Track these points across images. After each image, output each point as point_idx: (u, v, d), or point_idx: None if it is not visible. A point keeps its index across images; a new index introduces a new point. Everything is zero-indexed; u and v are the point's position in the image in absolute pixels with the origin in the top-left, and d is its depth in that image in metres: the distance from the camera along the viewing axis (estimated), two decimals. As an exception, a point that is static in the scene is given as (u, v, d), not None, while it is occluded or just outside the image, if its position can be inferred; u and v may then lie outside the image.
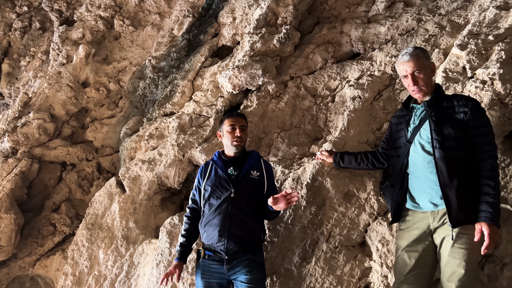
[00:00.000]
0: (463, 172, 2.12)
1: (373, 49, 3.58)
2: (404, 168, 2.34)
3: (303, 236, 2.82)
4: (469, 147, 2.15)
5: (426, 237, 2.22)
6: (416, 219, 2.27)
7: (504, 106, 2.69)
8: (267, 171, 2.68)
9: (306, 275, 2.72)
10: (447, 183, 2.11)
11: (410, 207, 2.32)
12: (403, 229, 2.34)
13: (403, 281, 2.22)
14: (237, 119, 2.72)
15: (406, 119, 2.39)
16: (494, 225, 2.01)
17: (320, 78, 3.63)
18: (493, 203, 2.04)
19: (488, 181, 2.07)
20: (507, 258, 2.59)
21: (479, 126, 2.16)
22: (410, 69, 2.26)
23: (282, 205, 2.43)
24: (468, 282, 2.06)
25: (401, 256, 2.28)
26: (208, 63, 4.11)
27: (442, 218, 2.16)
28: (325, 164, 2.94)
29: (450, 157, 2.13)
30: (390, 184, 2.48)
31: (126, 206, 3.46)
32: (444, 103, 2.26)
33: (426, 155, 2.22)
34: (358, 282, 2.68)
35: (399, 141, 2.40)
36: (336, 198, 2.87)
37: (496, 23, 3.07)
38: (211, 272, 2.48)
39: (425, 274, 2.22)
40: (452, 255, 2.08)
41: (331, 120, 3.38)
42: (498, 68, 2.75)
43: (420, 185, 2.27)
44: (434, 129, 2.20)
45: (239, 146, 2.68)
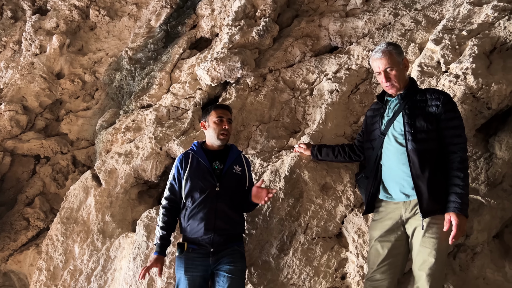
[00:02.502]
0: (434, 164, 2.18)
1: (350, 43, 3.61)
2: (378, 159, 2.38)
3: (281, 228, 2.83)
4: (440, 140, 2.21)
5: (398, 227, 2.28)
6: (389, 209, 2.33)
7: (476, 100, 2.76)
8: (247, 167, 2.69)
9: (284, 267, 2.74)
10: (418, 174, 2.17)
11: (383, 198, 2.37)
12: (376, 219, 2.39)
13: (376, 271, 2.29)
14: (224, 112, 2.68)
15: (380, 112, 2.44)
16: (462, 215, 2.08)
17: (299, 71, 3.65)
18: (461, 194, 2.10)
19: (457, 172, 2.14)
20: (478, 247, 2.68)
21: (450, 119, 2.22)
22: (382, 66, 2.30)
23: (260, 200, 2.46)
24: (438, 270, 2.14)
25: (374, 246, 2.34)
26: (186, 55, 4.06)
27: (414, 208, 2.21)
28: (303, 156, 2.96)
29: (422, 149, 2.18)
30: (365, 176, 2.52)
31: (102, 199, 3.40)
32: (417, 96, 2.32)
33: (399, 147, 2.27)
34: (334, 273, 2.72)
35: (373, 134, 2.44)
36: (313, 190, 2.89)
37: (469, 18, 3.14)
38: (195, 265, 2.45)
39: (397, 263, 2.29)
40: (423, 244, 2.15)
41: (309, 113, 3.40)
42: (471, 62, 2.81)
43: (393, 177, 2.32)
44: (407, 122, 2.25)
45: (225, 140, 2.65)
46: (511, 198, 2.71)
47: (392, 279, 2.27)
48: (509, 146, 2.74)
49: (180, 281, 2.47)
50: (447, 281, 2.57)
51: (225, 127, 2.62)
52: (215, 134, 2.61)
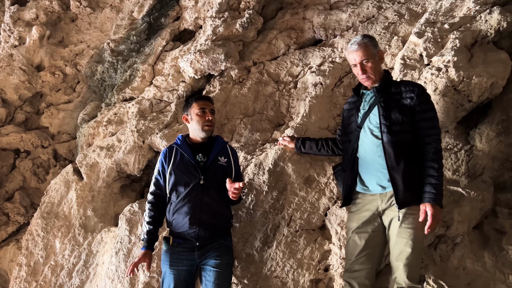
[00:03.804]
0: (409, 155, 2.21)
1: (334, 36, 3.61)
2: (355, 152, 2.40)
3: (264, 221, 2.83)
4: (415, 131, 2.24)
5: (375, 218, 2.31)
6: (365, 201, 2.36)
7: (458, 92, 2.78)
8: (233, 157, 2.64)
9: (267, 259, 2.75)
10: (394, 166, 2.20)
11: (360, 190, 2.40)
12: (353, 211, 2.42)
13: (355, 262, 2.32)
14: (206, 103, 2.65)
15: (356, 105, 2.46)
16: (437, 206, 2.12)
17: (283, 64, 3.63)
18: (436, 185, 2.14)
19: (432, 163, 2.17)
20: (458, 238, 2.72)
21: (424, 111, 2.25)
22: (358, 58, 2.31)
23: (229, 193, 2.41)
24: (415, 260, 2.18)
25: (351, 237, 2.37)
26: (169, 47, 4.01)
27: (390, 200, 2.24)
28: (286, 149, 2.96)
29: (397, 141, 2.21)
30: (342, 168, 2.55)
31: (83, 194, 3.35)
32: (392, 89, 2.34)
33: (375, 139, 2.30)
34: (318, 265, 2.73)
35: (350, 127, 2.47)
36: (297, 183, 2.90)
37: (451, 12, 3.16)
38: (180, 259, 2.44)
39: (375, 254, 2.32)
40: (400, 235, 2.18)
41: (293, 106, 3.39)
42: (452, 55, 2.83)
43: (369, 169, 2.34)
44: (382, 114, 2.27)
45: (210, 131, 2.62)
46: (490, 189, 2.76)
47: (371, 270, 2.31)
48: (489, 138, 2.78)
49: (165, 276, 2.45)
50: (428, 272, 2.61)
51: (209, 118, 2.60)
52: (199, 126, 2.58)
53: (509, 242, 2.67)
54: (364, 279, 2.30)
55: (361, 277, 2.30)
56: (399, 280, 2.18)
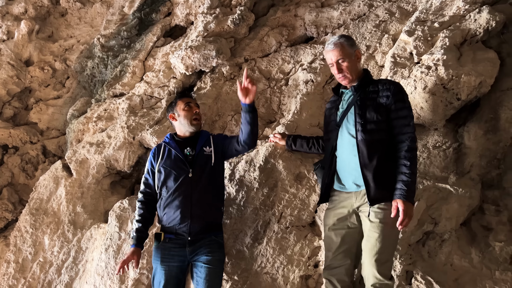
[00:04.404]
0: (384, 154, 2.23)
1: (326, 33, 3.62)
2: (333, 150, 2.43)
3: (255, 217, 2.84)
4: (390, 130, 2.26)
5: (350, 215, 2.34)
6: (341, 199, 2.38)
7: (447, 90, 2.81)
8: (216, 141, 2.65)
9: (258, 256, 2.75)
10: (366, 164, 2.22)
11: (337, 188, 2.43)
12: (330, 208, 2.45)
13: (333, 259, 2.35)
14: (190, 99, 2.72)
15: (336, 104, 2.50)
16: (408, 202, 2.13)
17: (274, 61, 3.63)
18: (407, 182, 2.15)
19: (404, 161, 2.19)
20: (446, 234, 2.75)
21: (399, 109, 2.27)
22: (334, 58, 2.34)
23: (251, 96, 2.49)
24: (386, 255, 2.20)
25: (328, 234, 2.40)
26: (160, 43, 3.99)
27: (364, 197, 2.26)
28: (277, 146, 2.97)
29: (370, 139, 2.24)
30: (321, 166, 2.58)
31: (73, 190, 3.32)
32: (370, 87, 2.36)
33: (351, 138, 2.32)
34: (307, 261, 2.75)
35: (330, 125, 2.50)
36: (287, 180, 2.91)
37: (441, 10, 3.18)
38: (171, 255, 2.44)
39: (352, 250, 2.35)
40: (372, 230, 2.20)
41: (284, 103, 3.40)
42: (442, 54, 2.85)
43: (345, 167, 2.37)
44: (358, 113, 2.30)
45: (199, 124, 2.66)
46: (478, 186, 2.79)
47: (349, 266, 2.33)
48: (477, 136, 2.81)
49: (156, 272, 2.46)
50: (416, 268, 2.63)
51: (196, 111, 2.64)
52: (187, 121, 2.61)
53: (496, 239, 2.71)
54: (343, 275, 2.32)
55: (340, 273, 2.32)
56: (370, 277, 2.18)
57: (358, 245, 2.36)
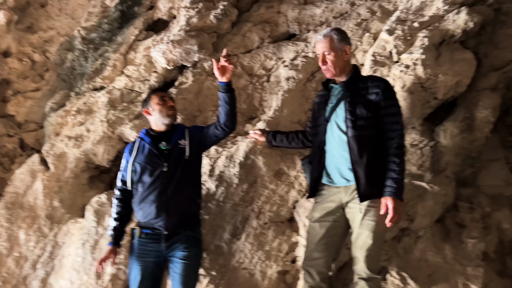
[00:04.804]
0: (373, 150, 2.27)
1: (308, 31, 3.63)
2: (322, 145, 2.44)
3: (234, 213, 2.85)
4: (379, 126, 2.30)
5: (338, 209, 2.37)
6: (330, 193, 2.41)
7: (424, 90, 2.86)
8: (190, 136, 2.64)
9: (236, 251, 2.77)
10: (357, 160, 2.25)
11: (325, 182, 2.45)
12: (318, 201, 2.47)
13: (314, 250, 2.37)
14: (164, 93, 2.72)
15: (325, 98, 2.51)
16: (397, 199, 2.18)
17: (257, 57, 3.63)
18: (397, 179, 2.20)
19: (394, 158, 2.24)
20: (421, 231, 2.81)
21: (389, 106, 2.32)
22: (321, 49, 2.39)
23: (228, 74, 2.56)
24: (375, 251, 2.26)
25: (313, 226, 2.42)
26: (142, 36, 3.93)
27: (353, 193, 2.30)
28: (258, 142, 2.98)
29: (361, 135, 2.27)
30: (309, 161, 2.59)
31: (50, 184, 3.27)
32: (360, 84, 2.40)
33: (341, 133, 2.35)
34: (285, 256, 2.78)
35: (318, 120, 2.51)
36: (267, 176, 2.92)
37: (421, 11, 3.22)
38: (147, 251, 2.43)
39: (333, 244, 2.38)
40: (362, 227, 2.25)
41: (265, 100, 3.40)
42: (421, 53, 2.90)
43: (334, 162, 2.39)
44: (348, 109, 2.32)
45: (174, 116, 2.65)
46: (452, 184, 2.86)
47: (328, 258, 2.37)
48: (453, 135, 2.87)
49: (132, 267, 2.45)
50: (392, 264, 2.69)
51: (171, 105, 2.64)
52: (162, 114, 2.60)
53: (469, 236, 2.78)
54: (322, 267, 2.36)
55: (319, 265, 2.36)
56: (360, 271, 2.25)
57: (340, 239, 2.41)
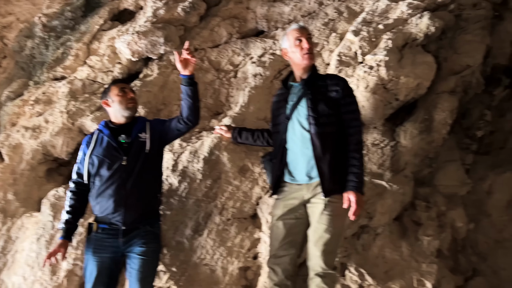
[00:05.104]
0: (335, 146, 2.32)
1: (276, 28, 3.63)
2: (283, 143, 2.46)
3: (197, 209, 2.82)
4: (340, 123, 2.36)
5: (300, 207, 2.40)
6: (292, 190, 2.43)
7: (386, 91, 2.92)
8: (151, 129, 2.59)
9: (197, 247, 2.74)
10: (320, 156, 2.29)
11: (287, 180, 2.47)
12: (280, 198, 2.49)
13: (279, 248, 2.39)
14: (125, 84, 2.66)
15: (285, 96, 2.53)
16: (359, 193, 2.25)
17: (225, 52, 3.60)
18: (358, 174, 2.27)
19: (354, 154, 2.31)
20: (379, 228, 2.87)
21: (348, 104, 2.39)
22: (305, 34, 2.45)
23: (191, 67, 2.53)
24: (332, 246, 2.30)
25: (275, 224, 2.44)
26: (107, 26, 3.82)
27: (315, 189, 2.33)
28: (223, 138, 2.96)
29: (323, 132, 2.31)
30: (270, 158, 2.62)
31: (4, 176, 3.13)
32: (319, 82, 2.45)
33: (303, 131, 2.37)
34: (247, 253, 2.78)
35: (279, 118, 2.53)
36: (231, 172, 2.91)
37: (386, 13, 3.29)
38: (104, 246, 2.36)
39: (297, 240, 2.41)
40: (320, 221, 2.28)
41: (232, 96, 3.39)
42: (384, 55, 2.96)
43: (297, 160, 2.42)
44: (310, 107, 2.36)
45: (134, 108, 2.59)
46: (411, 183, 2.94)
47: (294, 256, 2.40)
48: (412, 135, 2.95)
49: (88, 263, 2.38)
50: (350, 260, 2.74)
51: (132, 96, 2.58)
52: (122, 106, 2.53)
53: (425, 233, 2.88)
54: (287, 265, 2.38)
55: (285, 263, 2.38)
56: (315, 266, 2.27)
57: (304, 235, 2.42)
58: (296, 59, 2.46)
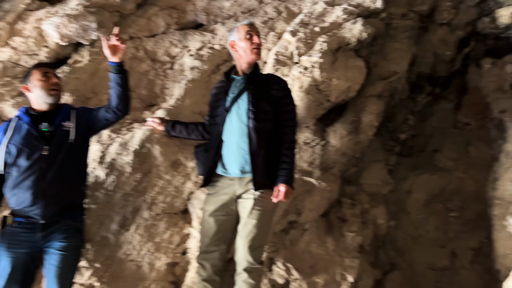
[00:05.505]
0: (270, 142, 2.39)
1: (216, 22, 3.60)
2: (220, 135, 2.47)
3: (124, 203, 2.73)
4: (276, 121, 2.42)
5: (231, 202, 2.42)
6: (224, 185, 2.44)
7: (319, 92, 3.02)
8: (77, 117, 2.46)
9: (123, 243, 2.66)
10: (255, 151, 2.34)
11: (220, 172, 2.48)
12: (211, 193, 2.49)
13: (210, 244, 2.40)
14: (48, 69, 2.49)
15: (225, 89, 2.54)
16: (289, 186, 2.34)
17: (161, 43, 3.51)
18: (288, 169, 2.37)
19: (286, 151, 2.41)
20: (307, 224, 2.97)
21: (287, 103, 2.48)
22: (255, 30, 2.52)
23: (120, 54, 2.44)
24: (260, 241, 2.35)
25: (207, 220, 2.44)
26: (34, 6, 3.54)
27: (247, 184, 2.37)
28: (155, 131, 2.88)
29: (261, 128, 2.36)
30: (205, 149, 2.60)
31: None
32: (261, 79, 2.51)
33: (241, 124, 2.40)
34: (176, 248, 2.75)
35: (217, 110, 2.53)
36: (163, 166, 2.85)
37: (323, 16, 3.39)
38: (19, 241, 2.20)
39: (228, 236, 2.45)
40: (250, 216, 2.33)
41: (168, 88, 3.31)
42: (319, 57, 3.06)
43: (232, 153, 2.43)
44: (251, 101, 2.40)
45: (57, 95, 2.44)
46: (338, 182, 3.07)
47: (223, 251, 2.44)
48: (342, 136, 3.08)
49: (2, 259, 2.20)
50: (278, 255, 2.81)
51: (55, 81, 2.43)
52: (44, 92, 2.37)
53: (349, 230, 3.03)
54: (217, 260, 2.40)
55: (214, 258, 2.40)
56: (243, 261, 2.31)
57: (234, 231, 2.45)
58: (243, 52, 2.49)
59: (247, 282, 2.28)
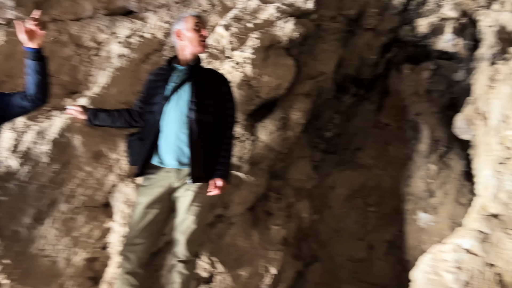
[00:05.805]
0: (210, 136, 2.41)
1: (147, 10, 3.49)
2: (157, 125, 2.41)
3: (40, 195, 2.56)
4: (217, 116, 2.45)
5: (165, 195, 2.39)
6: (160, 177, 2.40)
7: (250, 87, 3.06)
8: None
9: (37, 237, 2.50)
10: (195, 143, 2.34)
11: (156, 163, 2.42)
12: (146, 185, 2.44)
13: (138, 236, 2.35)
14: None
15: (165, 77, 2.48)
16: (225, 181, 2.40)
17: (88, 27, 3.31)
18: (225, 164, 2.44)
19: (225, 146, 2.47)
20: (234, 218, 3.00)
21: (228, 100, 2.54)
22: (204, 25, 2.54)
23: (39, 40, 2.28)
24: (196, 235, 2.39)
25: (139, 212, 2.38)
26: None
27: (184, 178, 2.35)
28: (77, 120, 2.73)
29: (202, 120, 2.36)
30: (139, 138, 2.52)
31: None
32: (204, 72, 2.53)
33: (181, 115, 2.37)
34: (95, 243, 2.63)
35: (155, 98, 2.47)
36: (84, 157, 2.71)
37: (256, 13, 3.42)
38: None
39: (157, 229, 2.43)
40: (189, 212, 2.34)
41: (92, 75, 3.14)
42: (251, 53, 3.08)
43: (170, 143, 2.39)
44: (194, 92, 2.38)
45: None
46: (266, 176, 3.13)
47: (151, 243, 2.41)
48: (270, 132, 3.15)
49: None
50: (204, 249, 2.81)
51: None
52: None
53: (274, 223, 3.10)
54: (142, 253, 2.36)
55: (140, 251, 2.35)
56: (180, 254, 2.34)
57: (163, 225, 2.44)
58: (189, 42, 2.46)
59: (182, 273, 2.32)
